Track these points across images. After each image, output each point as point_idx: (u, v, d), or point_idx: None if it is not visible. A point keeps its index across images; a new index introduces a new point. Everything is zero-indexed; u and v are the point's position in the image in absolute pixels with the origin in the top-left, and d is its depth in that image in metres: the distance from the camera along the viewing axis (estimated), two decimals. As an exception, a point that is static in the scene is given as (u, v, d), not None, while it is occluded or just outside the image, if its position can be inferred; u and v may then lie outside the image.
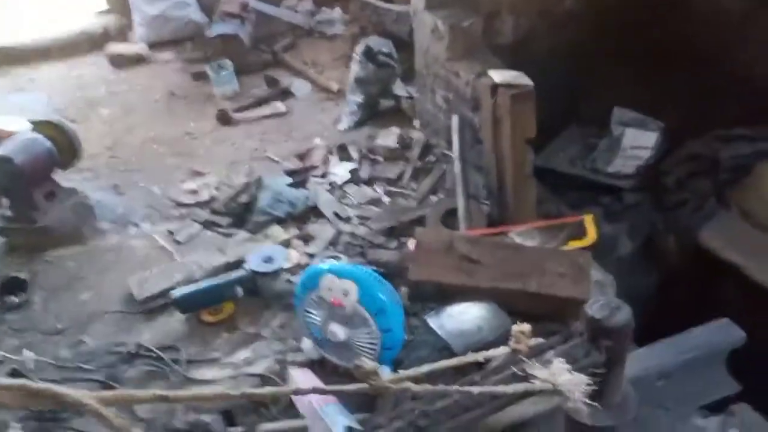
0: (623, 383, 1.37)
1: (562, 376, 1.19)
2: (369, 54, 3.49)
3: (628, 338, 1.27)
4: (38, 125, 2.80)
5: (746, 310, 1.99)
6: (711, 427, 1.75)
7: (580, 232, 2.41)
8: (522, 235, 2.43)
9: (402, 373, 1.14)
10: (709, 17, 3.01)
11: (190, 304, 2.29)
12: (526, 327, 1.23)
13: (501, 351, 1.23)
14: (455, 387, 1.15)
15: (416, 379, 1.12)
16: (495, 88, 2.38)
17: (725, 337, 1.86)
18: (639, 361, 1.73)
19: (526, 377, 1.21)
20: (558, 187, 2.89)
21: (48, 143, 2.73)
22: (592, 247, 2.31)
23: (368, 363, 1.06)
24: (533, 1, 3.10)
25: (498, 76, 2.37)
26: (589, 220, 2.41)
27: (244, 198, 2.88)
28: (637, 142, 2.95)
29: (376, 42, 3.58)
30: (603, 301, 1.26)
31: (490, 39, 3.04)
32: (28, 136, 2.70)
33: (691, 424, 1.78)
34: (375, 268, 2.21)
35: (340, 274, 1.91)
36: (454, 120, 2.85)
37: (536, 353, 1.28)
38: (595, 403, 1.22)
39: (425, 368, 1.14)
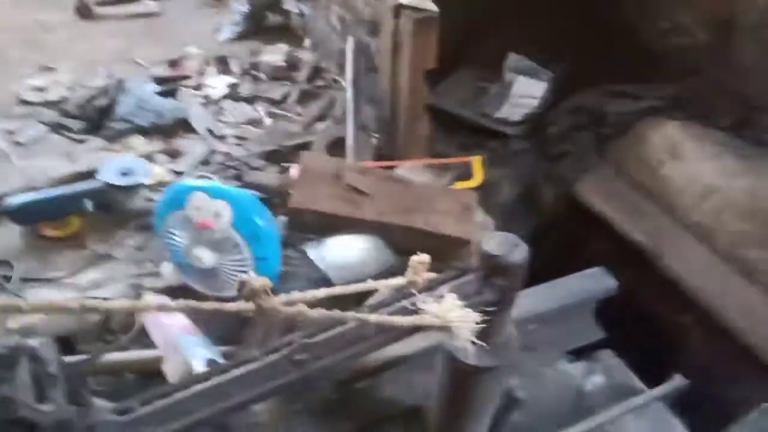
0: (509, 324, 1.33)
1: (454, 312, 1.10)
2: (259, -40, 3.16)
3: (522, 277, 1.21)
4: None
5: (614, 262, 2.05)
6: (576, 372, 1.79)
7: (467, 173, 2.36)
8: (410, 171, 2.33)
9: (293, 295, 0.98)
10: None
11: (28, 215, 1.96)
12: (425, 258, 1.11)
13: (397, 281, 1.11)
14: (352, 314, 1.02)
15: (310, 304, 0.97)
16: (398, 9, 2.20)
17: (598, 285, 1.90)
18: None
19: (416, 311, 1.11)
20: (447, 127, 2.82)
21: None
22: (478, 188, 2.27)
23: (257, 279, 0.90)
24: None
25: (404, -3, 2.20)
26: (477, 162, 2.36)
27: (101, 101, 2.50)
28: (526, 91, 2.94)
29: (269, -54, 3.24)
30: (501, 237, 1.18)
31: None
32: None
33: (557, 368, 1.81)
34: (252, 191, 2.00)
35: (211, 192, 1.69)
36: (349, 42, 2.64)
37: (428, 288, 1.18)
38: (482, 343, 1.15)
39: (320, 293, 0.99)
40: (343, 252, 1.88)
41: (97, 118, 2.43)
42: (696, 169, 2.43)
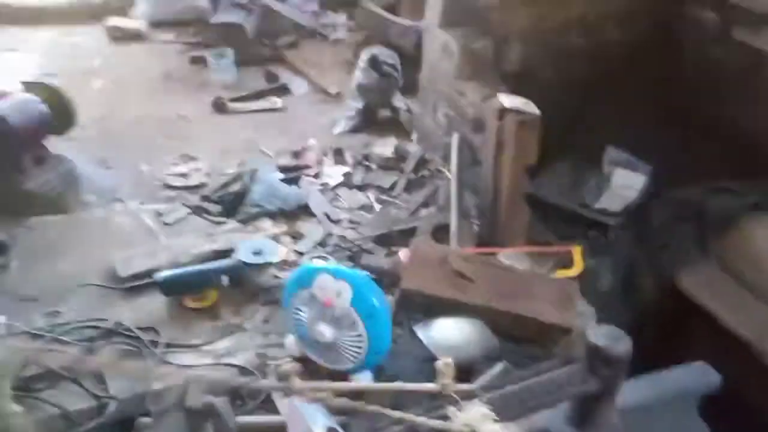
0: (613, 414, 1.40)
1: (485, 425, 1.12)
2: (374, 62, 3.52)
3: (626, 369, 1.30)
4: (34, 87, 2.74)
5: (716, 357, 2.05)
6: (679, 468, 1.79)
7: (567, 262, 2.46)
8: (511, 258, 2.46)
9: (325, 384, 1.12)
10: (706, 67, 3.13)
11: (174, 287, 2.25)
12: (449, 360, 1.21)
13: (428, 386, 1.21)
14: (373, 407, 1.13)
15: (338, 392, 1.10)
16: (502, 112, 2.42)
17: (701, 379, 1.91)
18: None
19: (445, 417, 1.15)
20: (546, 216, 2.94)
21: (43, 106, 2.67)
22: (578, 277, 2.36)
23: (288, 364, 1.06)
24: (541, 31, 3.17)
25: (507, 100, 2.42)
26: (577, 251, 2.46)
27: (236, 187, 2.86)
28: (625, 182, 3.03)
29: (382, 52, 3.61)
30: (606, 330, 1.29)
31: (497, 63, 3.09)
32: (24, 97, 2.64)
33: (660, 462, 1.82)
34: (367, 273, 2.21)
35: (336, 274, 1.91)
36: (455, 138, 2.88)
37: (466, 396, 1.23)
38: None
39: (346, 386, 1.13)
40: (448, 333, 2.03)
41: (232, 203, 2.77)
42: (803, 266, 2.40)
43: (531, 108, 2.41)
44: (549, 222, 2.94)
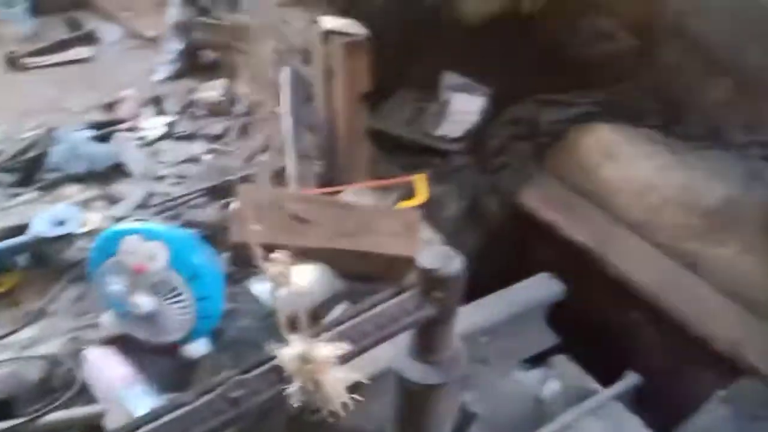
0: (454, 338, 1.32)
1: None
2: (188, -4, 3.16)
3: (461, 289, 1.20)
4: None
5: (561, 267, 2.08)
6: (531, 380, 1.79)
7: (411, 193, 2.37)
8: (354, 195, 2.32)
9: None
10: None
11: (-45, 277, 1.87)
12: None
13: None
14: None
15: None
16: (327, 35, 2.22)
17: (545, 291, 1.92)
18: (464, 317, 1.71)
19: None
20: (389, 149, 2.83)
21: None
22: (423, 206, 2.27)
23: None
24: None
25: (331, 22, 2.22)
26: (419, 180, 2.37)
27: (32, 153, 2.44)
28: (464, 107, 2.99)
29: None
30: (435, 251, 1.17)
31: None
32: None
33: (513, 378, 1.81)
34: (192, 229, 1.96)
35: (145, 235, 1.65)
36: (284, 73, 2.64)
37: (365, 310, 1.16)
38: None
39: None
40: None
41: (28, 170, 2.36)
42: (632, 169, 2.49)
43: (357, 29, 2.22)
44: (394, 155, 2.84)
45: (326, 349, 1.01)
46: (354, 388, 1.61)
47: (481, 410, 1.56)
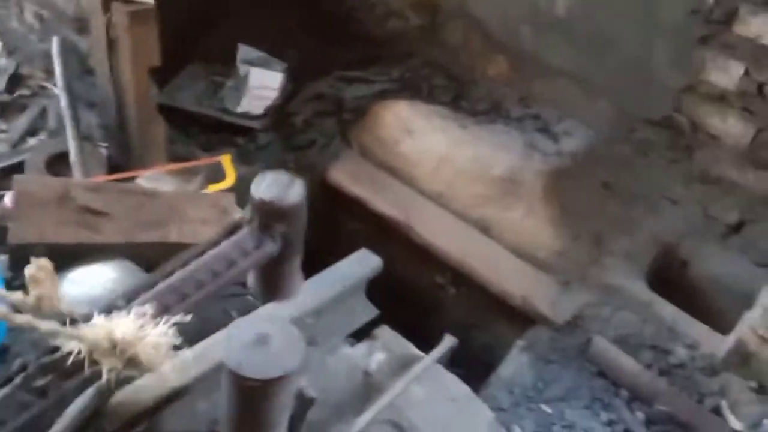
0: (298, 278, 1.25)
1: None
2: None
3: (304, 219, 1.12)
4: None
5: (371, 239, 2.13)
6: (358, 354, 1.82)
7: (217, 175, 2.24)
8: (152, 180, 2.12)
9: None
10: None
11: None
12: (45, 262, 0.93)
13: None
14: None
15: None
16: (108, 3, 1.96)
17: (364, 266, 1.95)
18: (287, 303, 1.68)
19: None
20: (186, 127, 2.64)
21: None
22: (232, 188, 2.16)
23: None
24: None
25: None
26: (226, 161, 2.25)
27: None
28: (263, 82, 2.89)
29: None
30: (270, 179, 1.05)
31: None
32: None
33: (340, 355, 1.82)
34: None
35: None
36: (55, 43, 2.29)
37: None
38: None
39: None
40: (87, 285, 1.63)
41: None
42: (427, 143, 2.64)
43: (143, -3, 2.00)
44: (190, 133, 2.65)
45: (128, 323, 0.89)
46: (181, 392, 1.49)
47: (316, 393, 1.54)
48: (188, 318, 0.96)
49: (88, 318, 0.92)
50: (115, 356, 0.88)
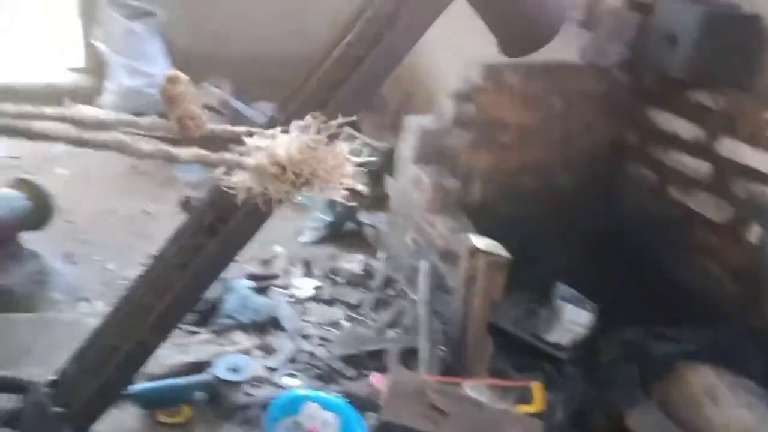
0: None
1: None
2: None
3: None
4: (19, 183, 2.73)
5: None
6: None
7: (526, 397, 2.61)
8: (474, 389, 2.58)
9: None
10: (647, 219, 3.54)
11: (148, 401, 2.23)
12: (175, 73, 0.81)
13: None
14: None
15: None
16: (474, 251, 2.64)
17: None
18: None
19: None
20: (503, 345, 3.11)
21: (24, 202, 2.66)
22: (538, 414, 2.50)
23: None
24: (499, 173, 3.54)
25: (479, 242, 2.65)
26: (537, 387, 2.61)
27: (211, 296, 2.88)
28: (574, 318, 3.27)
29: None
30: None
31: (461, 198, 3.38)
32: (7, 193, 2.62)
33: None
34: (345, 399, 2.27)
35: (324, 404, 1.97)
36: (424, 265, 3.06)
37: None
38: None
39: None
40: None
41: (206, 313, 2.79)
42: (732, 416, 2.65)
43: (501, 251, 2.64)
44: (505, 351, 3.11)
45: (291, 141, 0.76)
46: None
47: None
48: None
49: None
50: (287, 180, 0.78)
